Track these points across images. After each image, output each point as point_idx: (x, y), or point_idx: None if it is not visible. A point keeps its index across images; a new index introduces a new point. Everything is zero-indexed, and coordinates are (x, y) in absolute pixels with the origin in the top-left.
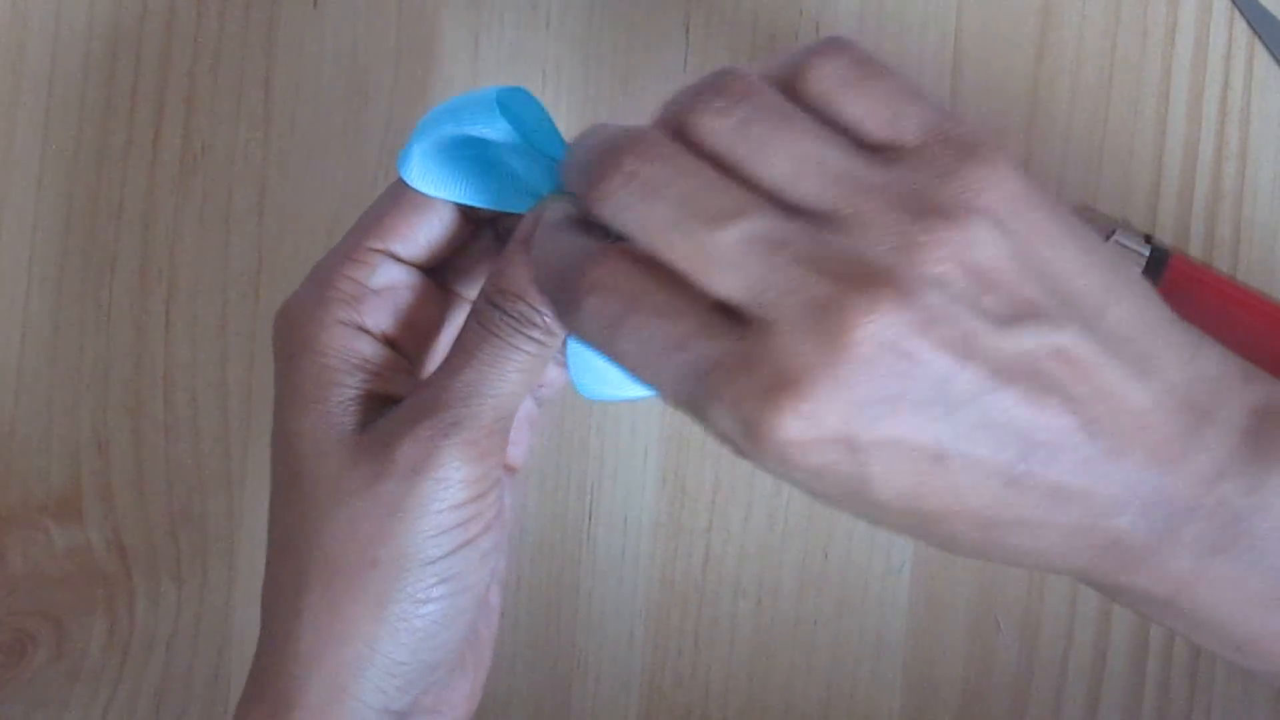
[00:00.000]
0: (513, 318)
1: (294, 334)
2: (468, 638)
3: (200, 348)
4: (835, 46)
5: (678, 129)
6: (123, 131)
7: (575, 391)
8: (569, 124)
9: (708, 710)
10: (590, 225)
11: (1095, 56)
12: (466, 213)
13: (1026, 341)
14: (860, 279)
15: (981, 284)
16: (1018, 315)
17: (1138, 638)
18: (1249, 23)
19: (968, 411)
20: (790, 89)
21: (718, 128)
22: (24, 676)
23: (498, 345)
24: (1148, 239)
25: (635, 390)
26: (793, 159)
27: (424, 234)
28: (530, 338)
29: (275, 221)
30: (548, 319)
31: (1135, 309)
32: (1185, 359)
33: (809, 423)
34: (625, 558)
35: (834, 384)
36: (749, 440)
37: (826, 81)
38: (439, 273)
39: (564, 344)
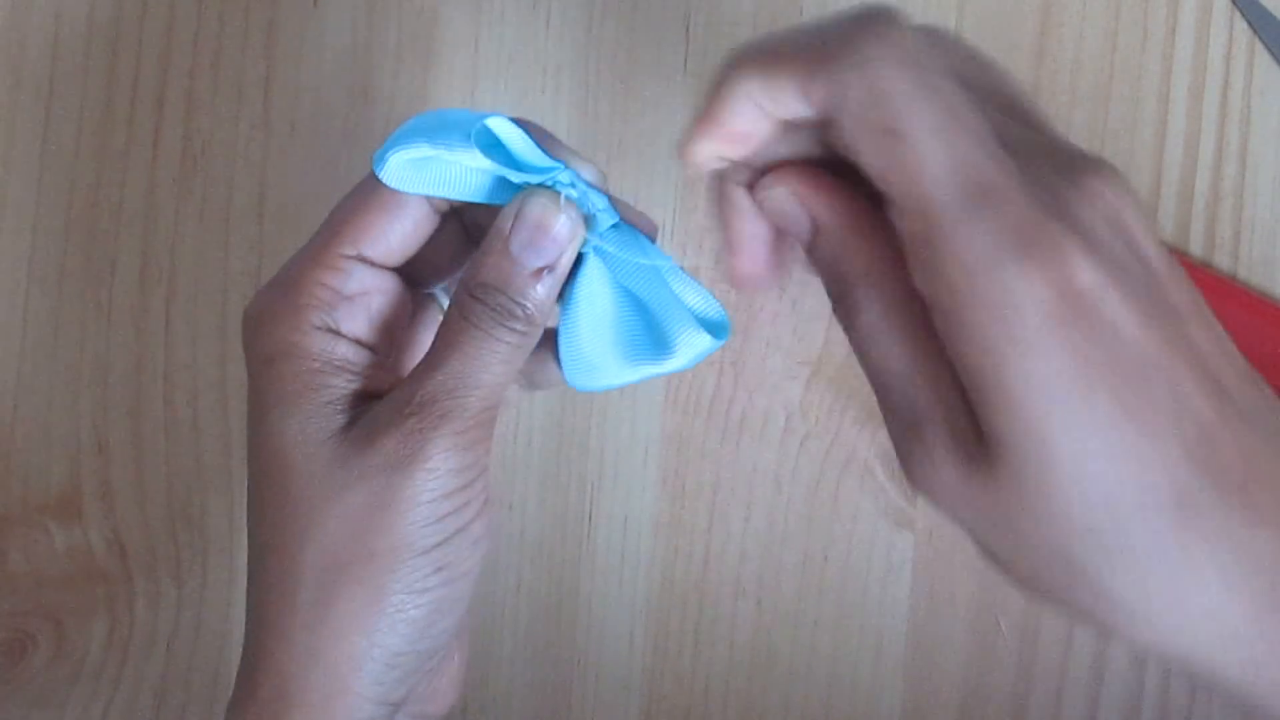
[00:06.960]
0: (494, 310)
1: (269, 339)
2: (460, 625)
3: (200, 348)
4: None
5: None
6: (123, 131)
7: (573, 391)
8: (569, 124)
9: (708, 710)
10: None
11: (1095, 56)
12: (434, 205)
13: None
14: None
15: (1128, 249)
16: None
17: None
18: (1249, 23)
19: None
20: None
21: (963, 70)
22: (24, 676)
23: (480, 338)
24: None
25: (625, 375)
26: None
27: (396, 235)
28: (512, 329)
29: (275, 221)
30: (529, 309)
31: (1214, 332)
32: (1262, 389)
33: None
34: (625, 558)
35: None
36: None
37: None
38: (405, 267)
39: (555, 338)
